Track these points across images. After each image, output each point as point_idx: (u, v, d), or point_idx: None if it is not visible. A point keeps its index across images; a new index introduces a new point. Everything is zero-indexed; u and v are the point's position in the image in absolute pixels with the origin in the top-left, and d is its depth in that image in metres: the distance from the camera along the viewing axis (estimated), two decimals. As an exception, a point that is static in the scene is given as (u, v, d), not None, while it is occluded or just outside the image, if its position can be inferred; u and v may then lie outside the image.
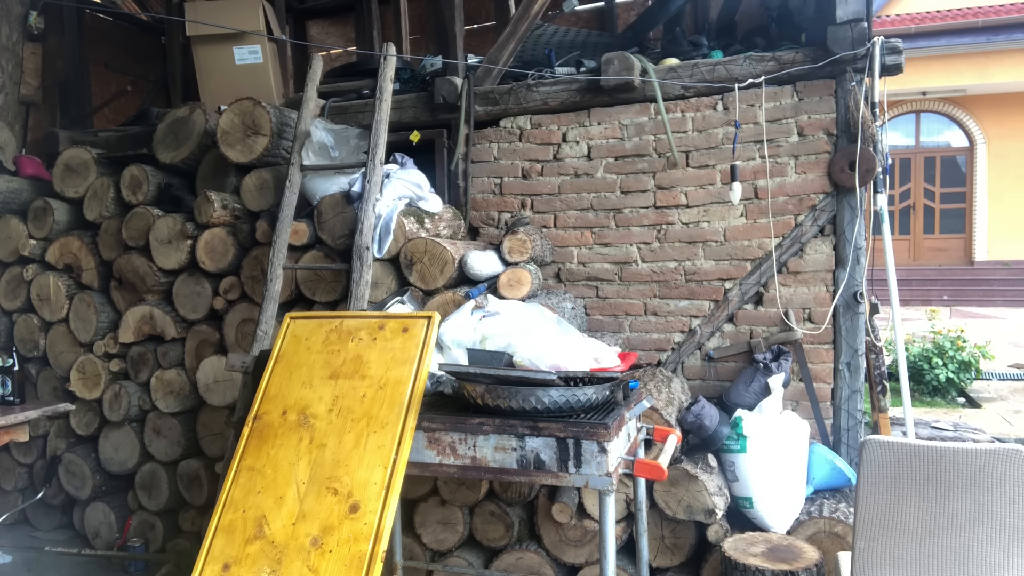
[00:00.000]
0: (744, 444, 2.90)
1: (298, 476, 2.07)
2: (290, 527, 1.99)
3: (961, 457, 1.83)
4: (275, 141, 3.40)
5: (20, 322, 3.88)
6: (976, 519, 1.84)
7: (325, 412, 2.17)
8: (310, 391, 2.23)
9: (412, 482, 2.97)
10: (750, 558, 2.53)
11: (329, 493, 2.01)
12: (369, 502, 1.96)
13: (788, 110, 3.33)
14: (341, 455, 2.07)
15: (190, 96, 4.50)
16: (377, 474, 2.00)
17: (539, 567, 2.90)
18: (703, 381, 3.48)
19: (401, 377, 2.17)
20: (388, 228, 3.13)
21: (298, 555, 1.93)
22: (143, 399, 3.62)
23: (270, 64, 4.21)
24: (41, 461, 3.92)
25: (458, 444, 2.08)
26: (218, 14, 4.14)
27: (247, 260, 3.37)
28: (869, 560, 1.93)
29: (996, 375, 7.20)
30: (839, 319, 3.27)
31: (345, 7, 5.65)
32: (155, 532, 3.65)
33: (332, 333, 2.35)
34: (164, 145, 3.68)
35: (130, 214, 3.59)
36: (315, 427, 2.15)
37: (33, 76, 4.42)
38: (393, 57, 3.39)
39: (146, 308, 3.56)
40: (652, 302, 3.55)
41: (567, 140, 3.64)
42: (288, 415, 2.21)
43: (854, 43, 3.14)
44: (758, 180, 3.37)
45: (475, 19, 5.42)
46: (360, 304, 2.96)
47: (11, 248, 3.87)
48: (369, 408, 2.13)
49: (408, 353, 2.22)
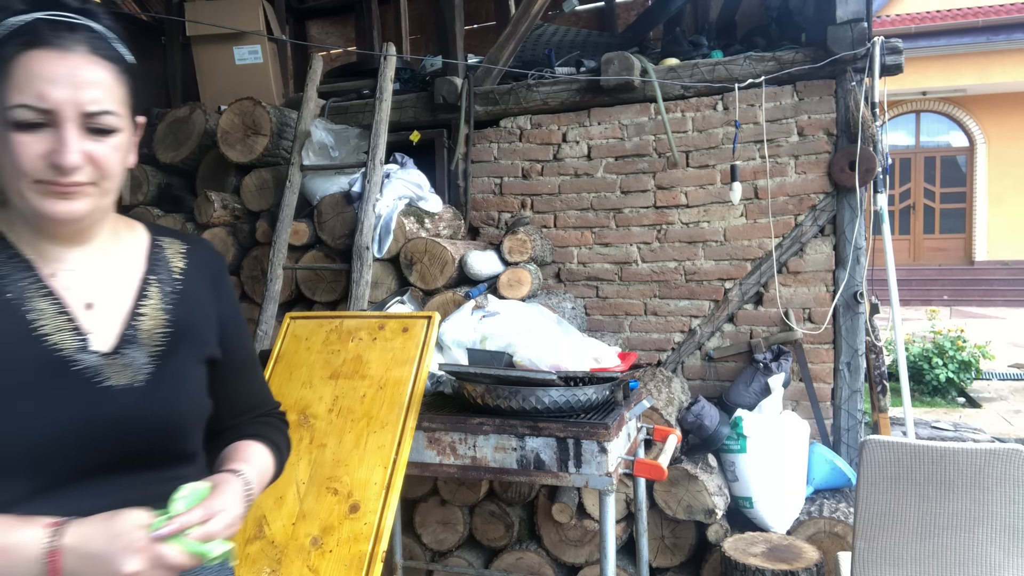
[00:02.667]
0: (744, 444, 2.90)
1: (298, 476, 2.07)
2: (290, 527, 1.99)
3: (961, 457, 1.83)
4: (275, 141, 3.40)
5: (20, 322, 3.87)
6: (976, 519, 1.84)
7: (325, 412, 2.17)
8: (310, 391, 2.23)
9: (412, 482, 2.97)
10: (750, 558, 2.53)
11: (329, 493, 2.01)
12: (369, 502, 1.96)
13: (788, 110, 3.33)
14: (341, 455, 2.07)
15: (190, 96, 4.49)
16: (377, 474, 2.00)
17: (539, 567, 2.90)
18: (703, 381, 3.48)
19: (401, 377, 2.17)
20: (388, 228, 3.13)
21: (298, 555, 1.93)
22: (143, 399, 3.62)
23: (270, 64, 4.21)
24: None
25: (458, 444, 2.08)
26: (218, 14, 4.14)
27: (247, 260, 3.37)
28: (869, 560, 1.93)
29: (996, 375, 7.20)
30: (839, 319, 3.27)
31: (345, 7, 5.64)
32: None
33: (332, 333, 2.35)
34: (164, 145, 3.68)
35: (130, 214, 3.59)
36: (315, 427, 2.15)
37: (33, 76, 4.42)
38: (393, 57, 3.39)
39: (146, 308, 3.55)
40: (652, 302, 3.54)
41: (567, 140, 3.64)
42: (288, 415, 2.21)
43: (854, 43, 3.14)
44: (758, 180, 3.37)
45: (475, 19, 5.42)
46: (360, 304, 2.96)
47: (11, 248, 3.87)
48: (369, 408, 2.13)
49: (408, 353, 2.22)
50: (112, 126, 0.97)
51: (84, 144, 0.95)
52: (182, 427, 1.05)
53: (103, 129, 0.96)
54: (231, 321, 1.18)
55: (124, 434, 0.99)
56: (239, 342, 1.20)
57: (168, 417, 1.02)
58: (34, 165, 0.93)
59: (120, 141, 0.99)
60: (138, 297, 1.07)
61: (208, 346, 1.12)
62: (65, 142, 0.93)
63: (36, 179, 0.94)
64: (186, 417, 1.06)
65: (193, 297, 1.12)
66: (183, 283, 1.12)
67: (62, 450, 0.95)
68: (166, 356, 1.04)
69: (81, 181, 0.95)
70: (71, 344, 0.98)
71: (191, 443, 1.08)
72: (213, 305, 1.15)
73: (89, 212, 0.99)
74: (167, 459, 1.05)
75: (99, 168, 0.97)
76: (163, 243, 1.14)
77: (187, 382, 1.06)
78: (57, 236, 1.02)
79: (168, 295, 1.09)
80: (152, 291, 1.08)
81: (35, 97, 0.92)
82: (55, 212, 0.96)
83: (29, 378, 0.95)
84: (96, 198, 0.99)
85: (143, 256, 1.11)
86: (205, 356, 1.11)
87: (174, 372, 1.04)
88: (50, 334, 0.98)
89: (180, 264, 1.13)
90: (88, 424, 0.96)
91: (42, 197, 0.95)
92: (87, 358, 0.98)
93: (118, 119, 0.98)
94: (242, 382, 1.22)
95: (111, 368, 0.99)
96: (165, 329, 1.06)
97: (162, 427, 1.02)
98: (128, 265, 1.09)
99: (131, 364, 1.01)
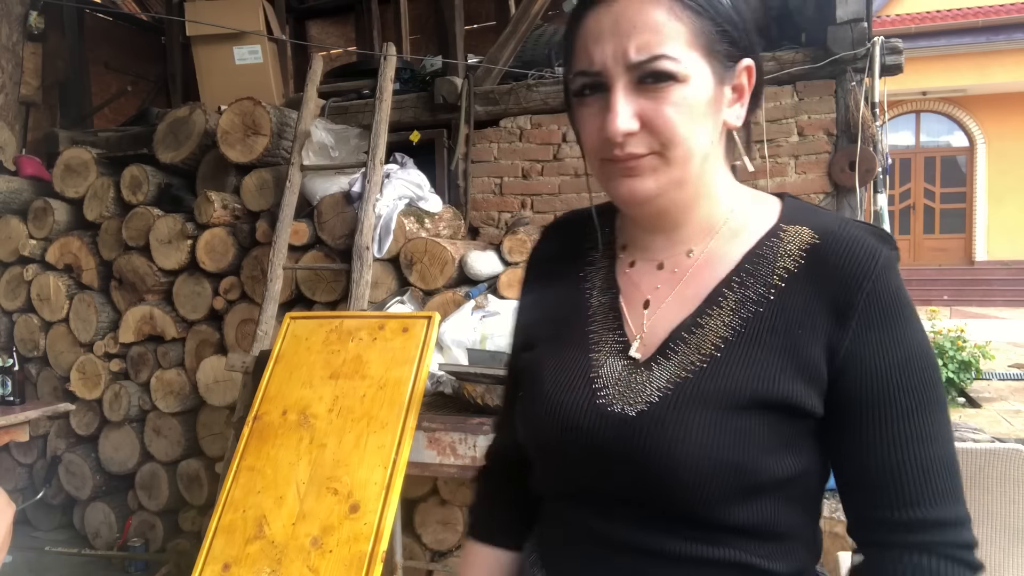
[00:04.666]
0: (744, 444, 2.90)
1: (298, 476, 2.07)
2: (290, 527, 1.99)
3: (961, 457, 1.83)
4: (275, 141, 3.40)
5: (20, 322, 3.88)
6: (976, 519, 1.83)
7: (325, 412, 2.17)
8: (310, 391, 2.23)
9: (412, 482, 2.97)
10: (750, 558, 2.53)
11: (329, 493, 2.01)
12: (369, 502, 1.96)
13: (788, 110, 3.33)
14: (341, 455, 2.07)
15: (190, 96, 4.49)
16: (377, 474, 2.00)
17: (539, 567, 2.90)
18: (703, 381, 3.48)
19: (401, 377, 2.17)
20: (388, 228, 3.13)
21: (298, 555, 1.93)
22: (143, 399, 3.62)
23: (270, 64, 4.21)
24: (41, 461, 3.92)
25: (458, 444, 2.08)
26: (218, 14, 4.14)
27: (247, 260, 3.37)
28: (869, 560, 1.93)
29: (996, 375, 7.20)
30: (839, 319, 3.26)
31: (345, 7, 5.64)
32: (155, 532, 3.65)
33: (332, 333, 2.35)
34: (164, 145, 3.68)
35: (130, 214, 3.59)
36: (315, 427, 2.15)
37: (33, 76, 4.42)
38: (393, 57, 3.39)
39: (146, 308, 3.56)
40: (652, 302, 3.54)
41: (567, 140, 3.64)
42: (288, 415, 2.21)
43: (854, 43, 3.14)
44: (758, 180, 3.37)
45: (475, 19, 5.42)
46: (360, 304, 2.96)
47: (11, 248, 3.87)
48: (369, 408, 2.13)
49: (408, 353, 2.22)
50: (670, 72, 0.74)
51: (636, 104, 0.75)
52: (679, 479, 0.73)
53: (658, 79, 0.75)
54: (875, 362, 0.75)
55: (596, 464, 0.79)
56: (884, 396, 0.76)
57: (656, 458, 0.74)
58: (595, 141, 0.78)
59: (686, 94, 0.75)
60: (706, 301, 0.81)
61: (771, 386, 0.75)
62: (610, 106, 0.75)
63: (601, 157, 0.79)
64: (687, 468, 0.73)
65: (787, 316, 0.77)
66: (779, 291, 0.78)
67: (542, 454, 0.85)
68: (690, 386, 0.76)
69: (638, 152, 0.76)
70: (608, 346, 0.83)
71: (714, 511, 0.74)
72: (824, 331, 0.76)
73: (656, 191, 0.78)
74: (674, 519, 0.76)
75: (655, 132, 0.75)
76: (784, 233, 0.81)
77: (699, 424, 0.74)
78: (640, 222, 0.86)
79: (746, 304, 0.79)
80: (728, 296, 0.80)
81: (585, 61, 0.77)
82: (620, 194, 0.79)
83: (566, 363, 0.84)
84: (664, 172, 0.77)
85: (746, 247, 0.82)
86: (761, 398, 0.74)
87: (687, 404, 0.75)
88: (593, 329, 0.85)
89: (789, 264, 0.79)
90: (560, 435, 0.81)
91: (608, 178, 0.80)
92: (612, 366, 0.81)
93: (678, 64, 0.74)
94: (887, 455, 0.77)
95: (628, 382, 0.80)
96: (713, 350, 0.78)
97: (649, 469, 0.75)
98: (721, 257, 0.82)
99: (646, 385, 0.79)
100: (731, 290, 0.80)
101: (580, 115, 0.80)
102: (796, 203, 0.85)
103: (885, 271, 0.76)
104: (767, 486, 0.75)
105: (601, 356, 0.82)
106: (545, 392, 0.83)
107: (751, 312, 0.78)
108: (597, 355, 0.83)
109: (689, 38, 0.75)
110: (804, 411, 0.76)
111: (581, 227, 0.93)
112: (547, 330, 0.89)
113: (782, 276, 0.79)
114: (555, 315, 0.89)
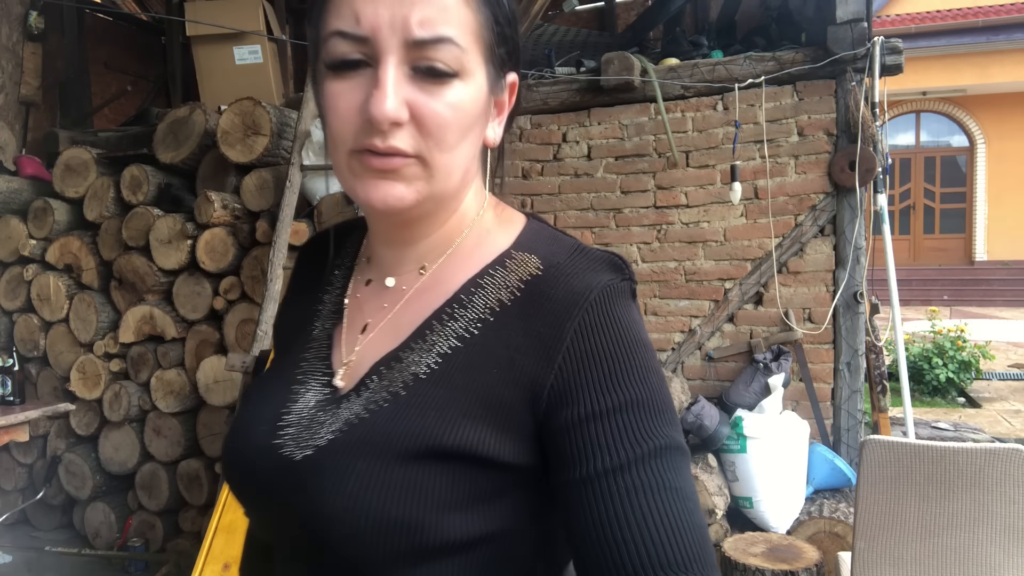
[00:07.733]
0: (744, 444, 2.90)
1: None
2: (290, 527, 1.99)
3: (961, 457, 1.83)
4: (275, 141, 3.41)
5: (20, 322, 3.88)
6: (976, 519, 1.84)
7: (325, 412, 2.17)
8: (310, 391, 2.23)
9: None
10: (750, 558, 2.53)
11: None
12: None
13: (788, 110, 3.33)
14: (341, 455, 2.07)
15: (190, 96, 4.49)
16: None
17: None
18: (703, 381, 3.48)
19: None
20: (388, 228, 3.13)
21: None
22: (143, 399, 3.62)
23: (270, 64, 4.21)
24: (41, 461, 3.92)
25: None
26: (218, 14, 4.14)
27: (247, 260, 3.37)
28: (869, 560, 1.93)
29: (996, 375, 7.20)
30: (839, 319, 3.27)
31: (345, 7, 5.64)
32: (155, 532, 3.65)
33: (332, 333, 2.35)
34: (164, 145, 3.68)
35: (130, 214, 3.59)
36: (315, 427, 2.15)
37: (33, 76, 4.42)
38: (393, 57, 3.38)
39: (146, 308, 3.56)
40: (652, 302, 3.55)
41: (567, 140, 3.64)
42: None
43: (854, 43, 3.14)
44: (758, 180, 3.37)
45: (475, 19, 5.41)
46: (360, 304, 2.96)
47: (11, 248, 3.87)
48: (369, 408, 2.13)
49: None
50: (450, 66, 0.63)
51: (407, 90, 0.63)
52: (333, 535, 0.62)
53: (437, 70, 0.63)
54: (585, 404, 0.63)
55: (268, 513, 0.71)
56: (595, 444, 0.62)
57: (307, 508, 0.64)
58: (348, 124, 0.64)
59: (464, 95, 0.64)
60: (416, 331, 0.70)
61: (450, 432, 0.63)
62: (379, 82, 0.62)
63: (351, 148, 0.64)
64: (341, 522, 0.62)
65: (485, 354, 0.67)
66: (485, 326, 0.68)
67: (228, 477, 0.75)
68: (362, 429, 0.66)
69: (402, 149, 0.63)
70: (315, 376, 0.74)
71: (387, 574, 0.63)
72: (527, 371, 0.65)
73: (414, 203, 0.66)
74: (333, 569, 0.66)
75: (425, 130, 0.63)
76: (511, 261, 0.71)
77: (359, 474, 0.63)
78: (379, 232, 0.75)
79: (450, 339, 0.69)
80: (436, 327, 0.70)
81: (349, 19, 0.62)
82: (371, 197, 0.65)
83: (268, 395, 0.75)
84: (423, 183, 0.65)
85: (470, 274, 0.72)
86: (438, 446, 0.63)
87: (352, 451, 0.65)
88: (307, 357, 0.76)
89: (505, 297, 0.69)
90: (235, 476, 0.72)
91: (356, 176, 0.65)
92: (307, 400, 0.71)
93: (462, 55, 0.63)
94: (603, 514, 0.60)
95: (311, 420, 0.69)
96: (400, 388, 0.67)
97: (304, 521, 0.65)
98: (445, 281, 0.72)
99: (324, 425, 0.68)
100: (439, 322, 0.69)
101: (331, 88, 0.65)
102: (537, 228, 0.75)
103: (601, 301, 0.66)
104: (450, 547, 0.62)
105: (303, 388, 0.72)
106: (235, 427, 0.74)
107: (450, 348, 0.68)
108: (300, 387, 0.73)
109: (475, 30, 0.65)
110: (494, 462, 0.64)
111: (336, 243, 0.84)
112: (276, 358, 0.83)
113: (494, 310, 0.68)
114: (285, 342, 0.82)
